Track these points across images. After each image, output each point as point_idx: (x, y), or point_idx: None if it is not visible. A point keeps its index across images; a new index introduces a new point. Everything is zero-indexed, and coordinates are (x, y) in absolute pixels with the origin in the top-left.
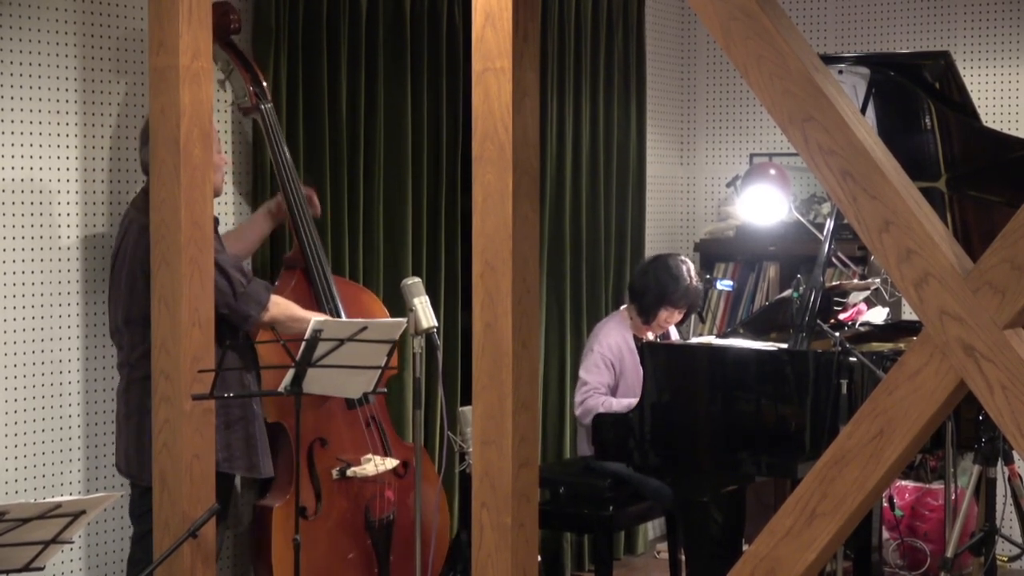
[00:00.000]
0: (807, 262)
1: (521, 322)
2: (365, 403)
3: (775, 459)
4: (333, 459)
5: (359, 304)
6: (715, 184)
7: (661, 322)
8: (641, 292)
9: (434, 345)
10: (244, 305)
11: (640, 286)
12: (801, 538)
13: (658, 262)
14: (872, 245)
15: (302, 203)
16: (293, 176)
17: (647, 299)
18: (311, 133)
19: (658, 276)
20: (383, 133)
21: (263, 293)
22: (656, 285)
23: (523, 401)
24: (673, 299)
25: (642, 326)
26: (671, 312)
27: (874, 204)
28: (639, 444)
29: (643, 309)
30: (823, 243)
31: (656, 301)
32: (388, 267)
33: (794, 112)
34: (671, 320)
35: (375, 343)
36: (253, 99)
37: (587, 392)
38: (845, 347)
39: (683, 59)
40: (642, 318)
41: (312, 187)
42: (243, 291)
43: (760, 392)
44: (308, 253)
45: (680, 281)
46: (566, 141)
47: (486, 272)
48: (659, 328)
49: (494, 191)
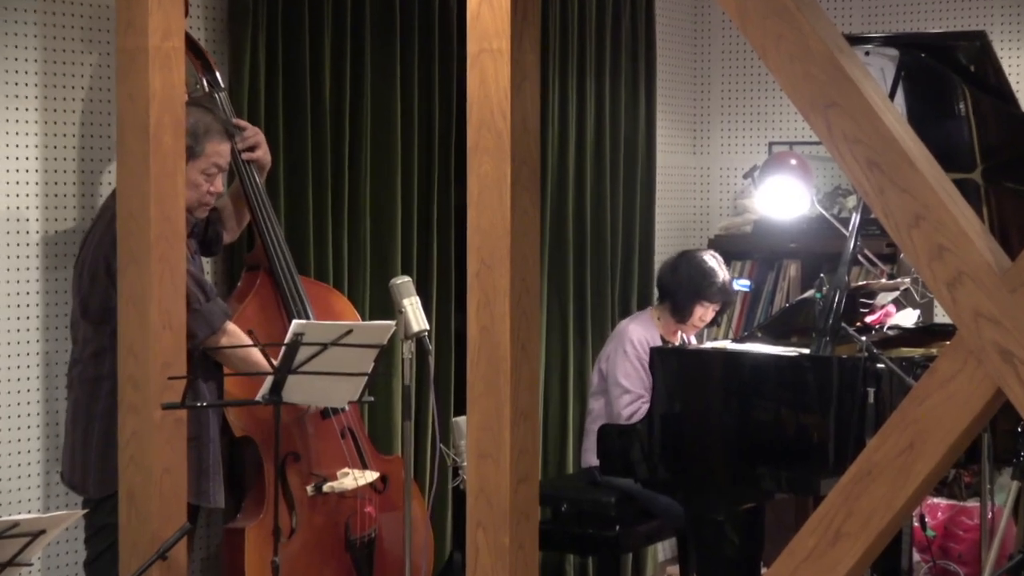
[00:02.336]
0: (831, 260)
1: (520, 325)
2: (340, 412)
3: (796, 474)
4: (307, 474)
5: (327, 308)
6: (731, 175)
7: (696, 320)
8: (673, 290)
9: (425, 350)
10: (192, 323)
11: (671, 284)
12: (824, 560)
13: (686, 258)
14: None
15: (263, 197)
16: (252, 171)
17: (680, 297)
18: (292, 120)
19: (690, 272)
20: (370, 120)
21: (218, 318)
22: (689, 282)
23: (522, 410)
24: (708, 295)
25: (675, 326)
26: (706, 309)
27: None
28: (647, 457)
29: (677, 307)
30: (848, 239)
31: (690, 298)
32: (375, 265)
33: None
34: (706, 318)
35: (361, 348)
36: (207, 88)
37: (634, 402)
38: (872, 352)
39: (696, 39)
40: (676, 317)
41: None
42: (198, 308)
43: (779, 401)
44: (272, 252)
45: (714, 275)
46: (569, 128)
47: (482, 271)
48: (693, 328)
49: (491, 183)
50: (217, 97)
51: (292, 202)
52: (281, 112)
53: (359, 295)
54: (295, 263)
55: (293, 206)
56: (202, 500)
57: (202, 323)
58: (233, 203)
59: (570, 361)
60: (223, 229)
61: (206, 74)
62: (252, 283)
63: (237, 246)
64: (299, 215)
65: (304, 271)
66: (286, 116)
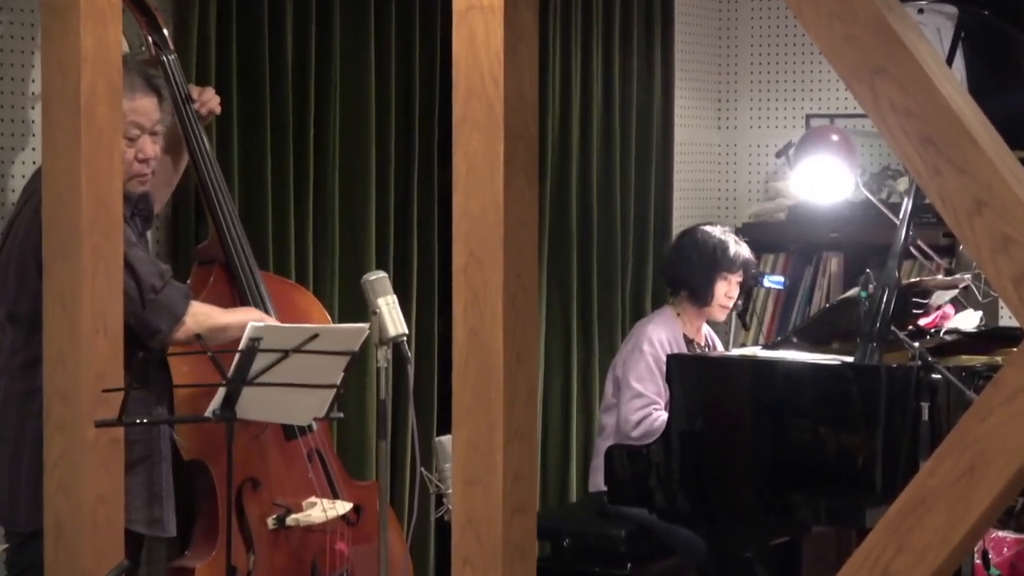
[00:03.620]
0: (878, 253)
1: (515, 328)
2: (307, 432)
3: (837, 503)
4: (268, 504)
5: (292, 307)
6: (762, 154)
7: (722, 299)
8: (686, 275)
9: (404, 357)
10: (153, 316)
11: (681, 269)
12: None
13: (688, 237)
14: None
15: (218, 180)
16: (206, 147)
17: (696, 279)
18: (248, 88)
19: (698, 248)
20: (339, 88)
21: (180, 302)
22: (700, 259)
23: (518, 429)
24: (726, 264)
25: (699, 316)
26: (729, 282)
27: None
28: (664, 484)
29: (696, 292)
30: (899, 229)
31: (708, 275)
32: (346, 259)
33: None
34: (732, 293)
35: (329, 355)
36: (153, 51)
37: (645, 408)
38: (927, 361)
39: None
40: (698, 303)
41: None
42: (154, 298)
43: (818, 418)
44: (229, 243)
45: (726, 242)
46: (572, 99)
47: (470, 265)
48: (721, 309)
49: (481, 162)
50: (166, 60)
51: (248, 185)
52: (235, 79)
53: (326, 294)
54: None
55: (249, 189)
56: (155, 529)
57: (164, 315)
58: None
59: (574, 370)
60: (153, 200)
61: (152, 33)
62: (205, 279)
63: (183, 234)
64: (256, 200)
65: (262, 266)
66: (241, 83)
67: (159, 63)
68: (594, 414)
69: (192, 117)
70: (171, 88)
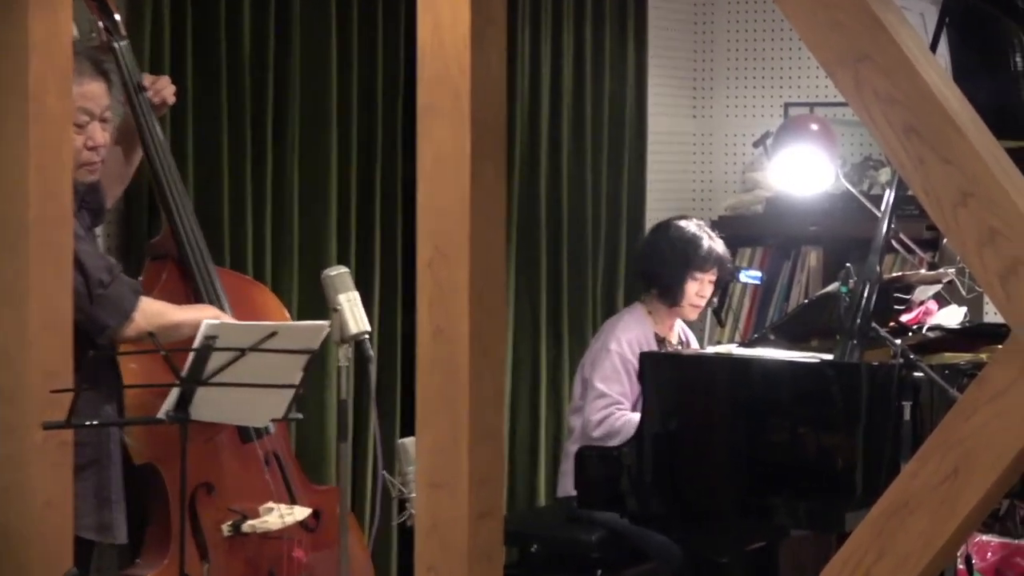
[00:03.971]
0: (859, 246)
1: (482, 326)
2: (264, 435)
3: (816, 506)
4: (223, 510)
5: (249, 304)
6: (739, 144)
7: (693, 299)
8: (656, 271)
9: (366, 356)
10: (101, 312)
11: (652, 265)
12: None
13: (660, 231)
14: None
15: (172, 173)
16: (159, 138)
17: (667, 276)
18: (204, 79)
19: (670, 244)
20: (298, 74)
21: (129, 297)
22: (671, 253)
23: (484, 430)
24: (698, 262)
25: (670, 315)
26: (701, 281)
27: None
28: (636, 487)
29: (666, 290)
30: (880, 221)
31: (679, 273)
32: (306, 254)
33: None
34: (704, 292)
35: (287, 354)
36: (104, 36)
37: (607, 408)
38: (909, 358)
39: None
40: (667, 301)
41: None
42: (102, 293)
43: (797, 418)
44: (183, 237)
45: (699, 239)
46: (542, 86)
47: (435, 260)
48: (693, 309)
49: (447, 153)
50: (117, 47)
51: (203, 177)
52: (190, 67)
53: (285, 290)
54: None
55: (204, 182)
56: (105, 535)
57: (112, 311)
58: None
59: (542, 369)
60: (104, 194)
61: (104, 18)
62: (158, 275)
63: (135, 229)
64: (212, 193)
65: (217, 261)
66: (196, 71)
67: (110, 50)
68: (564, 415)
69: (145, 107)
70: (123, 76)
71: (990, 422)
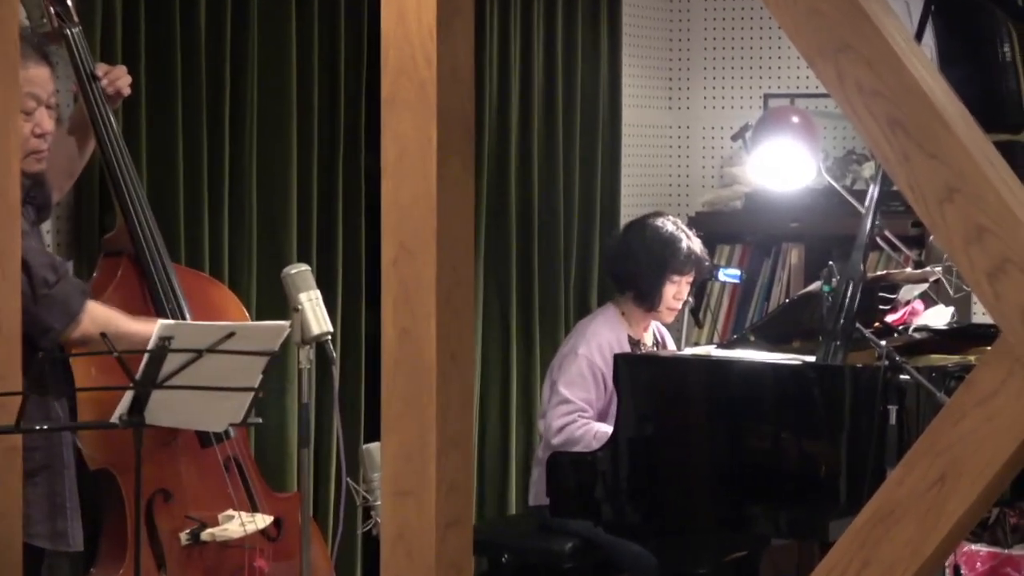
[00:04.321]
0: (842, 244)
1: (450, 327)
2: (224, 439)
3: (798, 515)
4: (181, 517)
5: (207, 302)
6: (717, 137)
7: (671, 302)
8: (632, 273)
9: (328, 358)
10: (45, 313)
11: (627, 266)
12: None
13: (635, 230)
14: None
15: (127, 165)
16: (113, 130)
17: (642, 279)
18: (158, 68)
19: (645, 245)
20: (257, 67)
21: (75, 298)
22: (647, 255)
23: (452, 436)
24: (675, 265)
25: (644, 316)
26: (678, 284)
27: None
28: (611, 494)
29: (643, 293)
30: (864, 218)
31: (655, 276)
32: (265, 251)
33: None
34: (681, 295)
35: (246, 355)
36: (55, 22)
37: (569, 415)
38: (894, 360)
39: None
40: (645, 305)
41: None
42: (47, 293)
43: (778, 422)
44: (138, 233)
45: (676, 239)
46: (511, 77)
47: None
48: (670, 312)
49: (412, 146)
50: (69, 34)
51: (157, 170)
52: (143, 55)
53: (243, 289)
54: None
55: (159, 175)
56: (59, 543)
57: (57, 311)
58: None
59: (513, 372)
60: (51, 187)
61: (55, 3)
62: (112, 273)
63: (86, 224)
64: (166, 187)
65: (173, 258)
66: (150, 60)
67: (62, 36)
68: (535, 419)
69: (99, 97)
70: (76, 64)
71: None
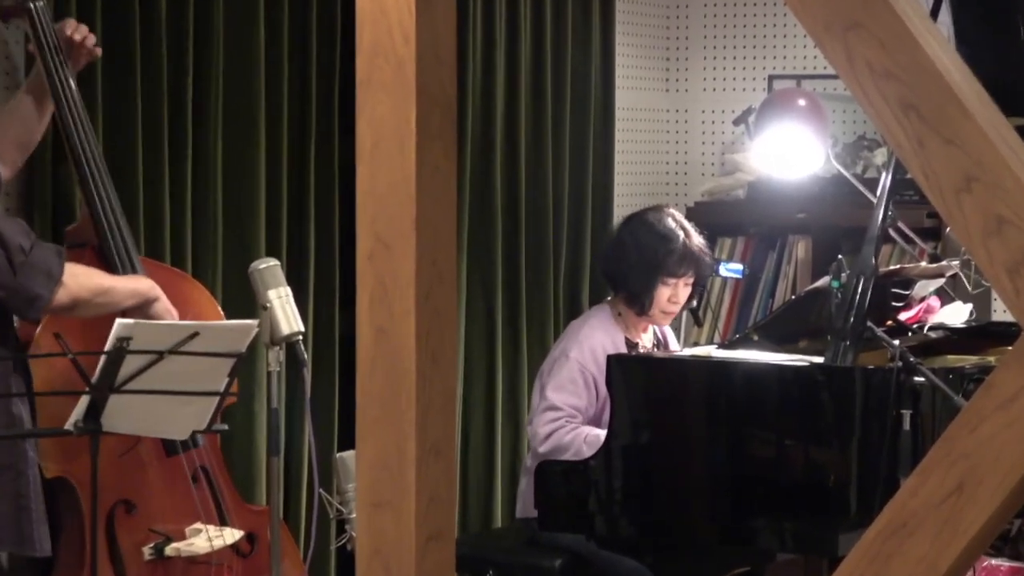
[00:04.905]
0: (852, 236)
1: (431, 326)
2: (192, 447)
3: (805, 527)
4: (145, 531)
5: (180, 298)
6: (717, 121)
7: (665, 306)
8: (624, 273)
9: (299, 360)
10: (28, 281)
11: (619, 265)
12: None
13: (632, 224)
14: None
15: (93, 150)
16: (79, 110)
17: (633, 280)
18: (115, 45)
19: (638, 241)
20: (222, 42)
21: (53, 260)
22: (638, 254)
23: (433, 443)
24: (669, 265)
25: (637, 320)
26: (674, 287)
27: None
28: (604, 506)
29: (633, 295)
30: (876, 208)
31: (648, 276)
32: (230, 245)
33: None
34: (677, 299)
35: (211, 357)
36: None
37: (556, 421)
38: (908, 362)
39: None
40: (635, 308)
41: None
42: (24, 260)
43: (783, 428)
44: (104, 224)
45: (672, 237)
46: (496, 57)
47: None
48: (665, 316)
49: (389, 131)
50: (33, 7)
51: (113, 155)
52: (100, 30)
53: (207, 286)
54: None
55: (115, 161)
56: (25, 548)
57: (38, 277)
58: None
59: (499, 375)
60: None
61: None
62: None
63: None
64: (125, 175)
65: None
66: (106, 36)
67: (25, 11)
68: (522, 427)
69: (63, 72)
70: (40, 38)
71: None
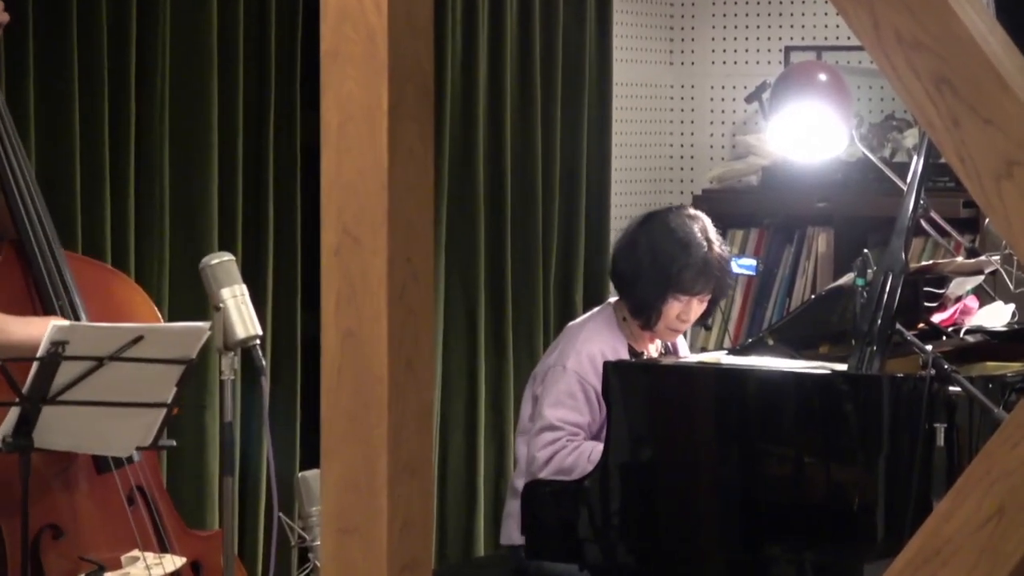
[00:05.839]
0: (879, 228)
1: (404, 330)
2: (125, 463)
3: (826, 556)
4: (74, 559)
5: (108, 299)
6: (728, 98)
7: (672, 323)
8: (630, 280)
9: (257, 367)
10: None
11: (628, 267)
12: None
13: (650, 224)
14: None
15: (9, 134)
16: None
17: (642, 288)
18: (48, 15)
19: (654, 245)
20: (170, 14)
21: None
22: (651, 261)
23: (408, 461)
24: (684, 281)
25: (642, 332)
26: (686, 304)
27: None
28: (600, 531)
29: (639, 306)
30: (906, 197)
31: (658, 287)
32: (178, 238)
33: None
34: (688, 316)
35: (158, 363)
36: None
37: (557, 443)
38: (942, 369)
39: None
40: (640, 320)
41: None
42: None
43: (801, 444)
44: (22, 215)
45: (692, 248)
46: (479, 28)
47: (345, 246)
48: (668, 334)
49: (357, 110)
50: None
51: (46, 138)
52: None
53: (153, 283)
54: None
55: (48, 144)
56: None
57: None
58: None
59: (481, 386)
60: None
61: None
62: None
63: None
64: (60, 161)
65: (68, 246)
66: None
67: None
68: (508, 443)
69: None
70: None
71: None
